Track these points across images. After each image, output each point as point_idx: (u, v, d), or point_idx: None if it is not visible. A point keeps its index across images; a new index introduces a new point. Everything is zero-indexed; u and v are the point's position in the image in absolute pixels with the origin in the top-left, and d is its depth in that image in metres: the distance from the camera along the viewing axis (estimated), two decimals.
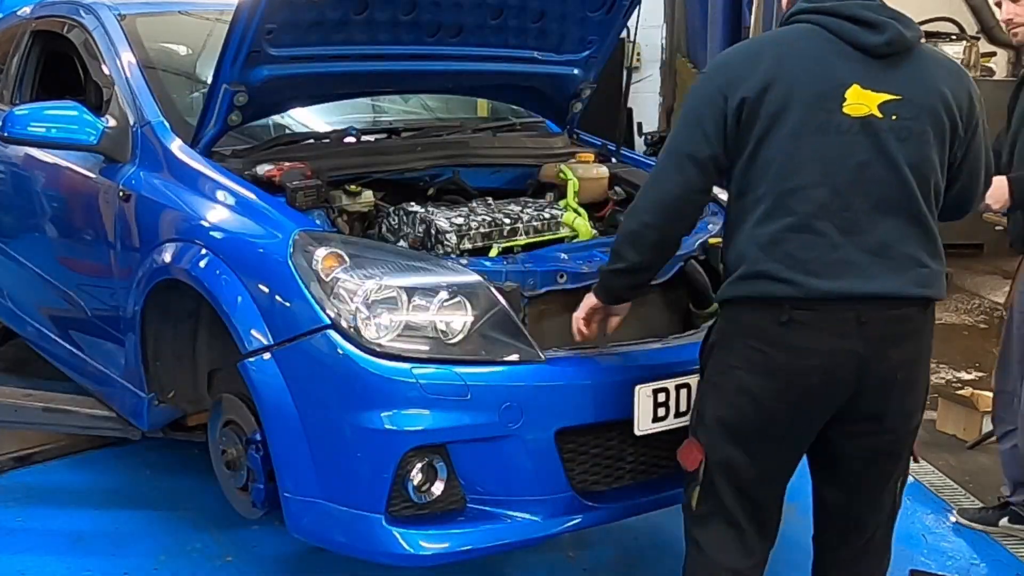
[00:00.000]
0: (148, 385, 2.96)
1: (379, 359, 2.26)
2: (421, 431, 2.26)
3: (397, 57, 2.94)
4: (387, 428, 2.25)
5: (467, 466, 2.33)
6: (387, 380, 2.25)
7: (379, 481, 2.27)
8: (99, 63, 3.35)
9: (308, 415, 2.34)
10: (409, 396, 2.25)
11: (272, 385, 2.37)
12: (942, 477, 3.76)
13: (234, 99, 2.71)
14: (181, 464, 3.60)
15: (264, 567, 3.04)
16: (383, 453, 2.26)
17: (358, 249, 2.45)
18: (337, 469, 2.33)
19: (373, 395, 2.26)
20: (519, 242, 2.81)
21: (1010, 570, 3.14)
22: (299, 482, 2.38)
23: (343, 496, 2.33)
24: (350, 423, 2.29)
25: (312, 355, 2.32)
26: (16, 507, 3.35)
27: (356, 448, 2.29)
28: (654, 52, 6.91)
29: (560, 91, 3.46)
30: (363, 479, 2.30)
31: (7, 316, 4.12)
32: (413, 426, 2.26)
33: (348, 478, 2.32)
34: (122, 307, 2.98)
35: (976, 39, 7.65)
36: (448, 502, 2.36)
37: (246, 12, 2.55)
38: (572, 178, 3.09)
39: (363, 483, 2.30)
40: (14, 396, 3.37)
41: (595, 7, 3.16)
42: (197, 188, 2.80)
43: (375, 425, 2.26)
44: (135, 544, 3.13)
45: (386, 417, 2.25)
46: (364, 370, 2.25)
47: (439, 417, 2.26)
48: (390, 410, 2.25)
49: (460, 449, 2.31)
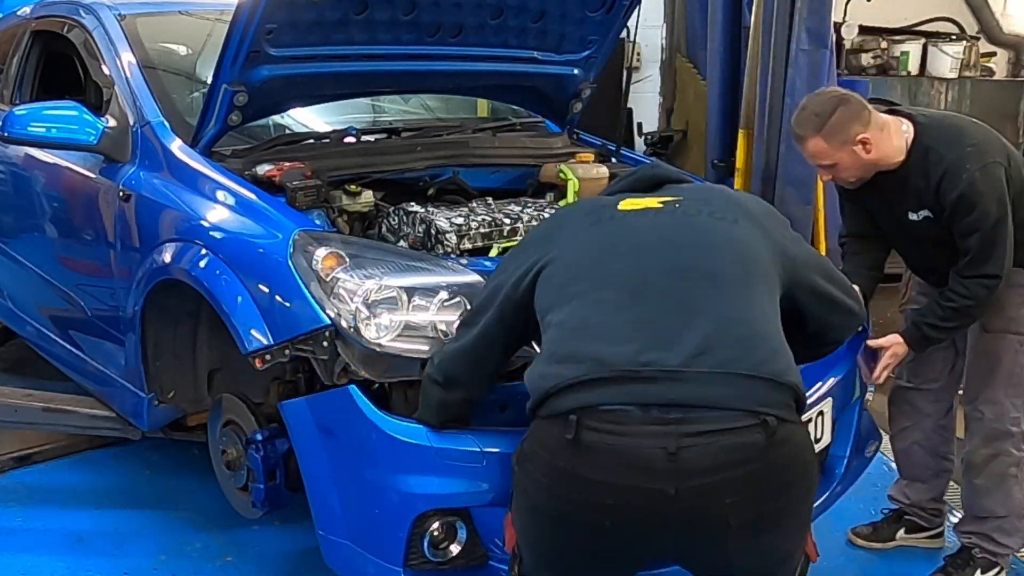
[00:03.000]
0: (148, 385, 2.96)
1: (396, 420, 2.24)
2: (434, 496, 2.24)
3: (397, 57, 2.94)
4: (400, 490, 2.24)
5: (488, 527, 2.29)
6: (401, 443, 2.23)
7: (395, 539, 2.26)
8: (99, 63, 3.35)
9: (335, 464, 2.34)
10: (423, 460, 2.22)
11: (305, 430, 2.37)
12: None
13: (234, 99, 2.71)
14: (181, 464, 3.60)
15: (264, 567, 3.04)
16: (397, 513, 2.25)
17: (358, 249, 2.45)
18: (361, 518, 2.33)
19: (388, 456, 2.25)
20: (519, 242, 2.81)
21: (1011, 570, 3.13)
22: (330, 524, 2.38)
23: (367, 544, 2.32)
24: (368, 480, 2.29)
25: (337, 409, 2.30)
26: (16, 507, 3.35)
27: (374, 504, 2.29)
28: (654, 52, 6.90)
29: (560, 91, 3.46)
30: (382, 533, 2.29)
31: (7, 316, 4.12)
32: (426, 490, 2.24)
33: (370, 529, 2.32)
34: (122, 307, 2.98)
35: (976, 39, 7.65)
36: (469, 559, 2.33)
37: (246, 12, 2.55)
38: (572, 178, 3.09)
39: (382, 537, 2.29)
40: (14, 396, 3.38)
41: (595, 7, 3.16)
42: (197, 188, 2.79)
43: (389, 486, 2.25)
44: (135, 544, 3.13)
45: (399, 479, 2.24)
46: (380, 431, 2.23)
47: (454, 482, 2.23)
48: (403, 473, 2.24)
49: (479, 511, 2.29)
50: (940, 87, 7.23)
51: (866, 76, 7.02)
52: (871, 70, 7.14)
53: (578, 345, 1.86)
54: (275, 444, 2.58)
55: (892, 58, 7.21)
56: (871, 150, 2.67)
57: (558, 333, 1.92)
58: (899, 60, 7.20)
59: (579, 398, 1.81)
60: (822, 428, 2.70)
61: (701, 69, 6.00)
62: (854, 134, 2.64)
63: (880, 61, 7.18)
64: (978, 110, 7.37)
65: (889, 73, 7.18)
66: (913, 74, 7.25)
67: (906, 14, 7.52)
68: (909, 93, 7.11)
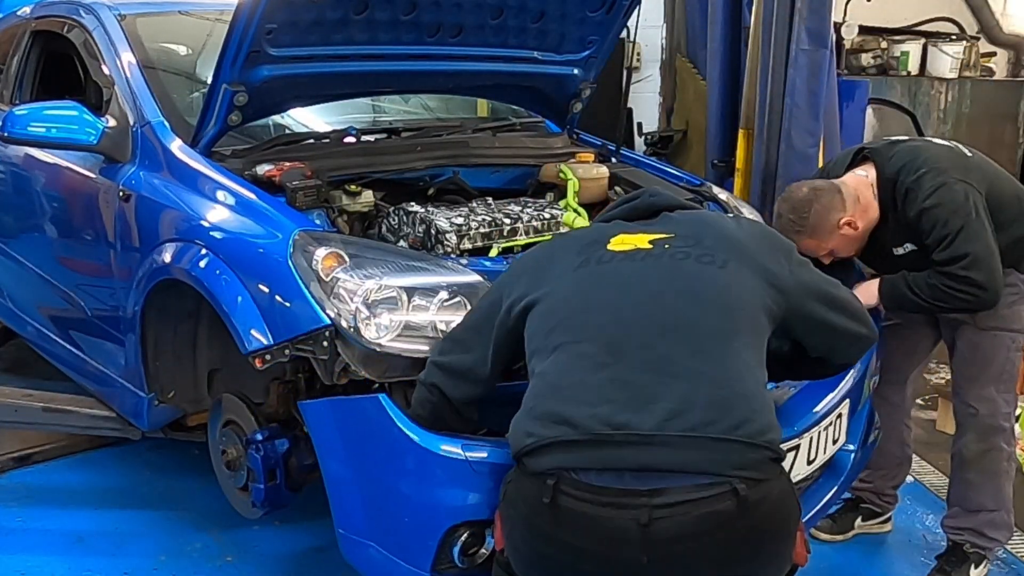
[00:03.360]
0: (148, 385, 2.96)
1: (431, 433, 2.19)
2: (468, 507, 2.20)
3: (397, 57, 2.94)
4: (434, 503, 2.21)
5: None
6: (437, 456, 2.18)
7: (425, 547, 2.23)
8: (99, 63, 3.35)
9: (360, 469, 2.31)
10: (458, 473, 2.19)
11: (327, 433, 2.34)
12: (942, 477, 3.75)
13: (234, 99, 2.71)
14: (181, 464, 3.60)
15: (264, 567, 3.04)
16: (429, 525, 2.22)
17: (358, 249, 2.45)
18: (387, 522, 2.30)
19: (422, 469, 2.21)
20: (519, 242, 2.81)
21: (1011, 570, 3.14)
22: (351, 523, 2.35)
23: (392, 547, 2.29)
24: (399, 490, 2.26)
25: (366, 417, 2.27)
26: (16, 507, 3.35)
27: (403, 512, 2.25)
28: (654, 52, 6.90)
29: (560, 91, 3.46)
30: (411, 540, 2.26)
31: (7, 316, 4.12)
32: (460, 503, 2.20)
33: (396, 533, 2.29)
34: (122, 307, 2.98)
35: (976, 39, 7.66)
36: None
37: (246, 12, 2.55)
38: (572, 178, 3.09)
39: (411, 543, 2.26)
40: (14, 396, 3.38)
41: (595, 7, 3.16)
42: (197, 188, 2.79)
43: (422, 498, 2.22)
44: (135, 544, 3.13)
45: (433, 492, 2.21)
46: (415, 443, 2.19)
47: (488, 495, 2.19)
48: (438, 486, 2.20)
49: None
50: (940, 87, 7.24)
51: (866, 76, 7.02)
52: (871, 70, 7.14)
53: (555, 404, 1.89)
54: (275, 444, 2.58)
55: (892, 58, 7.21)
56: (857, 226, 2.78)
57: (539, 386, 1.96)
58: (899, 60, 7.20)
59: (555, 459, 1.84)
60: (839, 430, 2.70)
61: (701, 69, 5.99)
62: (836, 222, 2.76)
63: (880, 61, 7.18)
64: (978, 110, 7.38)
65: (889, 73, 7.19)
66: (913, 74, 7.25)
67: (906, 14, 7.53)
68: (909, 93, 7.12)
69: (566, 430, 1.85)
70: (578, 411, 1.85)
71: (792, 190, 2.88)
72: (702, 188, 3.41)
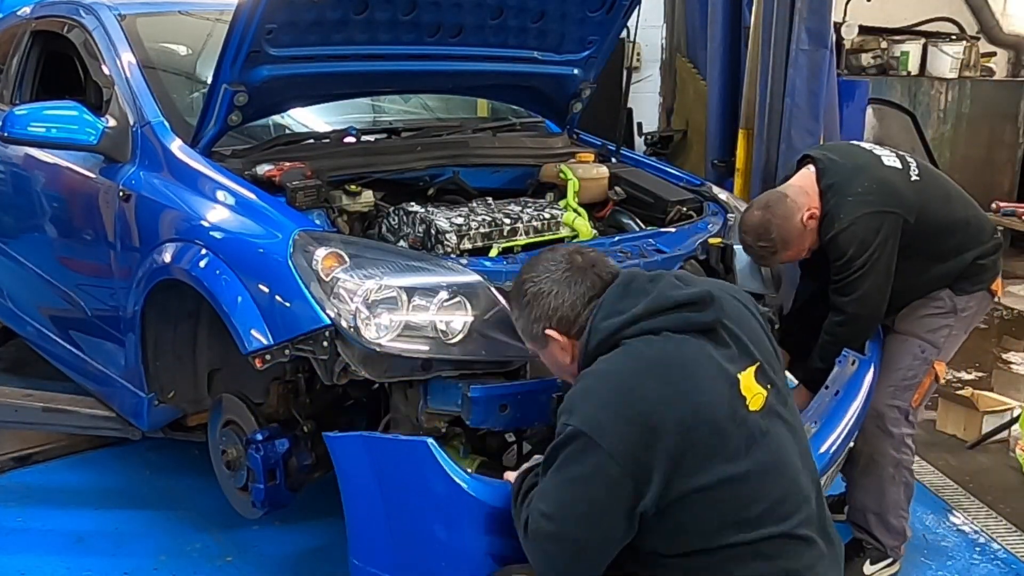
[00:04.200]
0: (148, 385, 2.96)
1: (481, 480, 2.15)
2: (510, 556, 2.13)
3: (397, 57, 2.94)
4: (476, 550, 2.16)
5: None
6: (485, 505, 2.13)
7: None
8: (99, 63, 3.35)
9: (392, 509, 2.25)
10: (504, 521, 2.10)
11: (358, 470, 2.27)
12: (942, 477, 3.76)
13: (234, 99, 2.71)
14: (181, 464, 3.60)
15: (264, 567, 3.04)
16: (468, 570, 2.17)
17: (358, 249, 2.45)
18: (419, 564, 2.24)
19: (468, 517, 2.16)
20: (519, 242, 2.81)
21: (1010, 570, 3.14)
22: (371, 557, 2.29)
23: None
24: (438, 534, 2.20)
25: (408, 460, 2.20)
26: (16, 507, 3.35)
27: (441, 557, 2.20)
28: (654, 52, 6.92)
29: (560, 91, 3.46)
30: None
31: (7, 316, 4.12)
32: (503, 551, 2.13)
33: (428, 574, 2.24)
34: (122, 307, 2.98)
35: (976, 39, 7.67)
36: None
37: (246, 12, 2.55)
38: (572, 178, 3.09)
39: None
40: (14, 396, 3.38)
41: (595, 7, 3.16)
42: (197, 188, 2.79)
43: (464, 545, 2.17)
44: (135, 544, 3.13)
45: (477, 539, 2.15)
46: (463, 491, 2.14)
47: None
48: (483, 533, 2.14)
49: None
50: (940, 87, 7.25)
51: (866, 76, 7.03)
52: (871, 70, 7.15)
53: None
54: (275, 444, 2.59)
55: (892, 58, 7.22)
56: (815, 213, 2.82)
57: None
58: (899, 60, 7.21)
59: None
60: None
61: (701, 69, 6.00)
62: (800, 221, 2.81)
63: (880, 61, 7.19)
64: (978, 110, 7.40)
65: (889, 73, 7.19)
66: (913, 74, 7.26)
67: (906, 14, 7.54)
68: (909, 93, 7.13)
69: None
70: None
71: (745, 219, 2.88)
72: (702, 188, 3.41)
